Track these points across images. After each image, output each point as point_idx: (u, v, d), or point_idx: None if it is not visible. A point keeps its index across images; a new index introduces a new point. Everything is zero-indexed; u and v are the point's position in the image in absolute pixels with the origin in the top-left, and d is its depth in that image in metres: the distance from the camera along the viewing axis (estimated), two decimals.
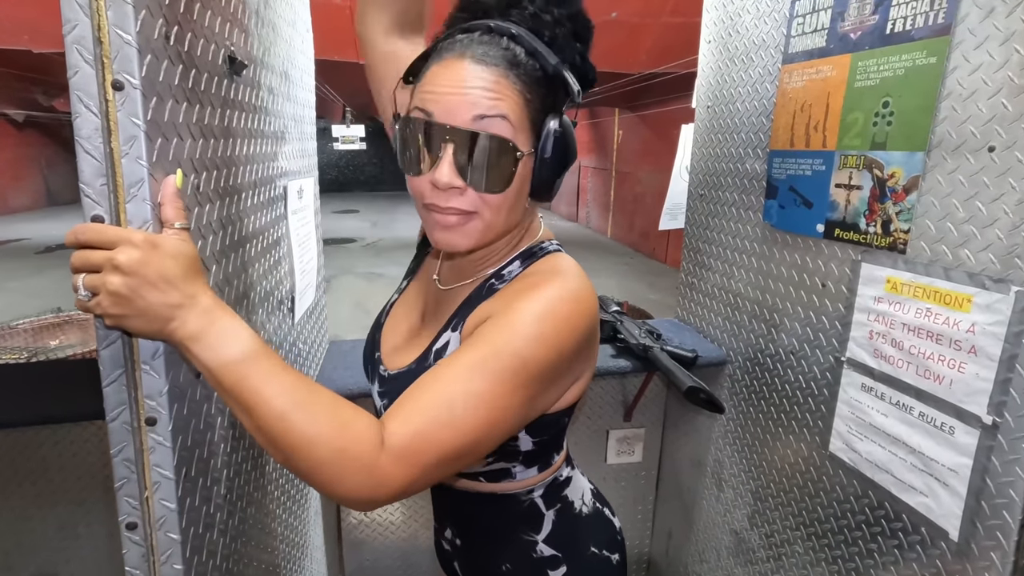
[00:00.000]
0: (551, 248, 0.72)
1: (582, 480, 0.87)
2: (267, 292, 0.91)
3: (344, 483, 0.51)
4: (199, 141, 0.60)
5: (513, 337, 0.58)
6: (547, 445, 0.76)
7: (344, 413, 0.53)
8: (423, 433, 0.53)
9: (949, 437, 0.90)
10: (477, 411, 0.55)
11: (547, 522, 0.79)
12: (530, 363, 0.58)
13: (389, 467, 0.52)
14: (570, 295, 0.62)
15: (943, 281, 0.89)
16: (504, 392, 0.57)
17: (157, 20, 0.51)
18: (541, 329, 0.59)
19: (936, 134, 0.90)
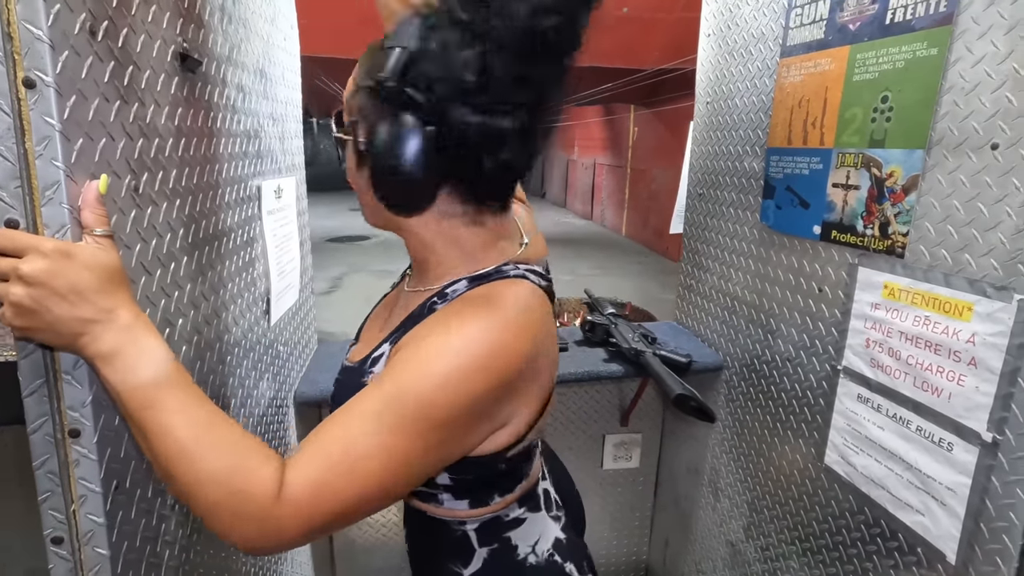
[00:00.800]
0: (511, 273, 0.63)
1: (547, 527, 0.76)
2: (238, 292, 0.89)
3: (237, 529, 0.49)
4: (138, 141, 0.58)
5: (418, 379, 0.53)
6: (477, 485, 0.69)
7: (247, 456, 0.50)
8: (320, 483, 0.50)
9: (947, 454, 0.84)
10: (377, 460, 0.52)
11: (476, 559, 0.72)
12: (433, 410, 0.53)
13: (284, 518, 0.49)
14: (492, 336, 0.55)
15: (943, 288, 0.84)
16: (405, 440, 0.53)
17: (78, 15, 0.48)
18: (448, 373, 0.53)
19: (936, 131, 0.84)
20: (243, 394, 0.91)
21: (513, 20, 0.52)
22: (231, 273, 0.86)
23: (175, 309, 0.66)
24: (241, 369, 0.90)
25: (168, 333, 0.64)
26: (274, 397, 1.10)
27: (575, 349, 1.48)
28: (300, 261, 1.27)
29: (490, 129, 0.55)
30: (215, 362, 0.80)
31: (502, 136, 0.56)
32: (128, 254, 0.56)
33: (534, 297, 0.63)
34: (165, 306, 0.64)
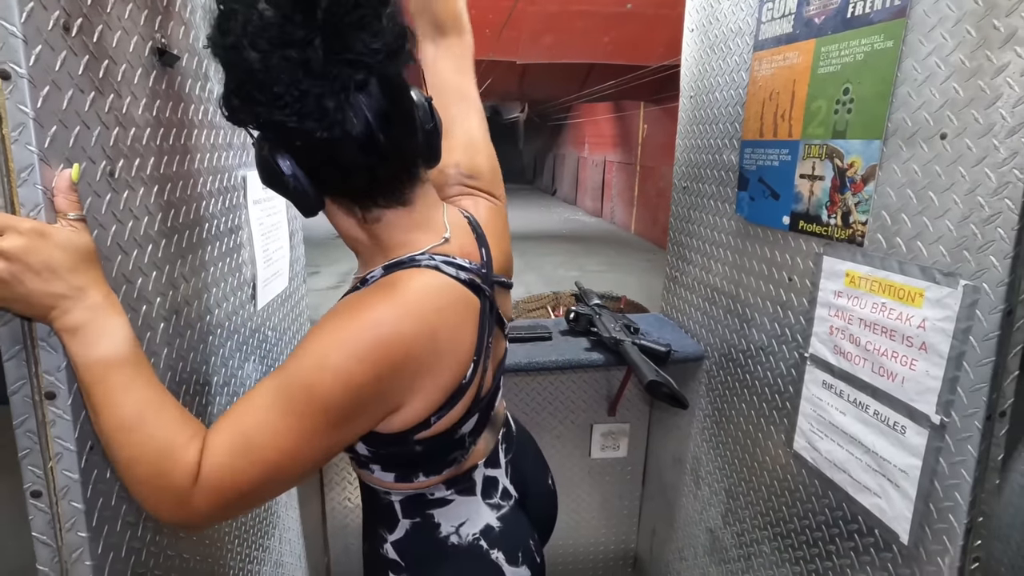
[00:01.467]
0: (424, 263, 0.65)
1: (478, 513, 0.78)
2: (221, 276, 0.94)
3: (158, 507, 0.55)
4: (113, 130, 0.62)
5: (304, 365, 0.57)
6: (396, 461, 0.71)
7: (179, 437, 0.55)
8: (224, 466, 0.55)
9: (901, 437, 0.86)
10: (272, 440, 0.56)
11: (400, 528, 0.76)
12: (314, 393, 0.56)
13: (197, 499, 0.55)
14: (381, 324, 0.58)
15: (897, 275, 0.86)
16: (293, 421, 0.56)
17: (52, 12, 0.53)
18: (328, 356, 0.57)
19: (892, 121, 0.86)
20: (226, 373, 0.96)
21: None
22: (213, 257, 0.90)
23: (152, 288, 0.71)
24: (224, 350, 0.95)
25: (145, 311, 0.69)
26: (261, 379, 1.14)
27: (559, 338, 1.52)
28: (290, 251, 1.32)
29: (314, 142, 0.56)
30: (196, 341, 0.84)
31: (331, 148, 0.56)
32: (103, 234, 0.61)
33: (442, 287, 0.65)
34: (142, 285, 0.68)
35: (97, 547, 0.60)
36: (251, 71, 0.53)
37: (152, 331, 0.72)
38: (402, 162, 0.64)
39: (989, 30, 0.71)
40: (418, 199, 0.68)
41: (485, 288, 0.70)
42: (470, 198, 0.82)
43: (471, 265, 0.69)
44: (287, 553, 1.32)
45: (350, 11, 0.52)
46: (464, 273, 0.68)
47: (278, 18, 0.51)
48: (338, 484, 1.72)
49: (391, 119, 0.58)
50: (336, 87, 0.54)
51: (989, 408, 0.74)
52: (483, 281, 0.70)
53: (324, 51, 0.52)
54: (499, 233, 0.80)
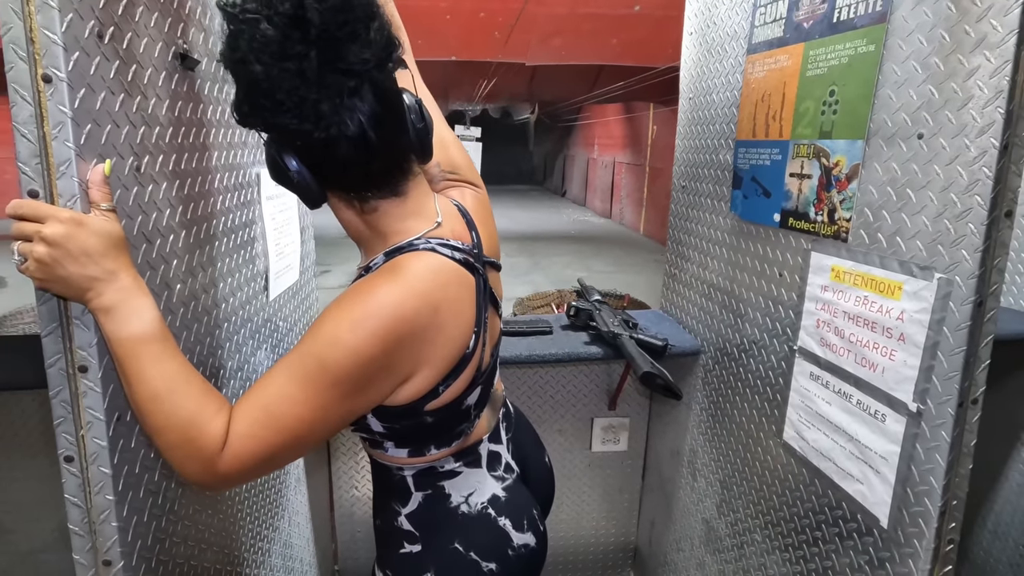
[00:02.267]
0: (421, 246, 0.71)
1: (484, 483, 0.84)
2: (237, 265, 1.00)
3: (186, 468, 0.62)
4: (140, 128, 0.68)
5: (315, 340, 0.64)
6: (407, 435, 0.77)
7: (205, 410, 0.62)
8: (248, 435, 0.62)
9: (881, 424, 0.90)
10: (290, 410, 0.63)
11: (413, 501, 0.82)
12: (328, 366, 0.62)
13: (223, 465, 0.62)
14: (387, 301, 0.65)
15: (878, 269, 0.90)
16: (310, 393, 0.63)
17: (88, 21, 0.58)
18: (339, 333, 0.63)
19: (874, 122, 0.90)
20: (240, 359, 1.02)
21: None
22: (228, 249, 0.96)
23: (172, 276, 0.76)
24: (239, 336, 1.01)
25: (166, 296, 0.75)
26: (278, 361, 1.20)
27: (559, 332, 1.56)
28: (301, 245, 1.38)
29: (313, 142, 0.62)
30: (211, 327, 0.90)
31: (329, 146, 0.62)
32: (131, 224, 0.66)
33: (440, 266, 0.71)
34: (164, 272, 0.74)
35: (123, 510, 0.66)
36: (256, 81, 0.60)
37: (172, 315, 0.77)
38: (394, 158, 0.70)
39: (961, 35, 0.75)
40: (411, 190, 0.74)
41: (478, 267, 0.77)
42: (456, 189, 0.89)
43: (464, 246, 0.76)
44: (295, 535, 1.38)
45: (341, 26, 0.58)
46: (458, 253, 0.74)
47: (278, 35, 0.57)
48: (345, 474, 1.78)
49: (382, 120, 0.64)
50: (331, 93, 0.60)
51: (961, 396, 0.78)
52: (476, 260, 0.77)
53: (319, 62, 0.58)
54: (485, 218, 0.87)
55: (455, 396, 0.75)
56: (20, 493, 1.58)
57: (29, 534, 1.63)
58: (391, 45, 0.63)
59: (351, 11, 0.59)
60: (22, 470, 1.55)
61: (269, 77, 0.58)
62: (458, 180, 0.90)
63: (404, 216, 0.74)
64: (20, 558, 1.64)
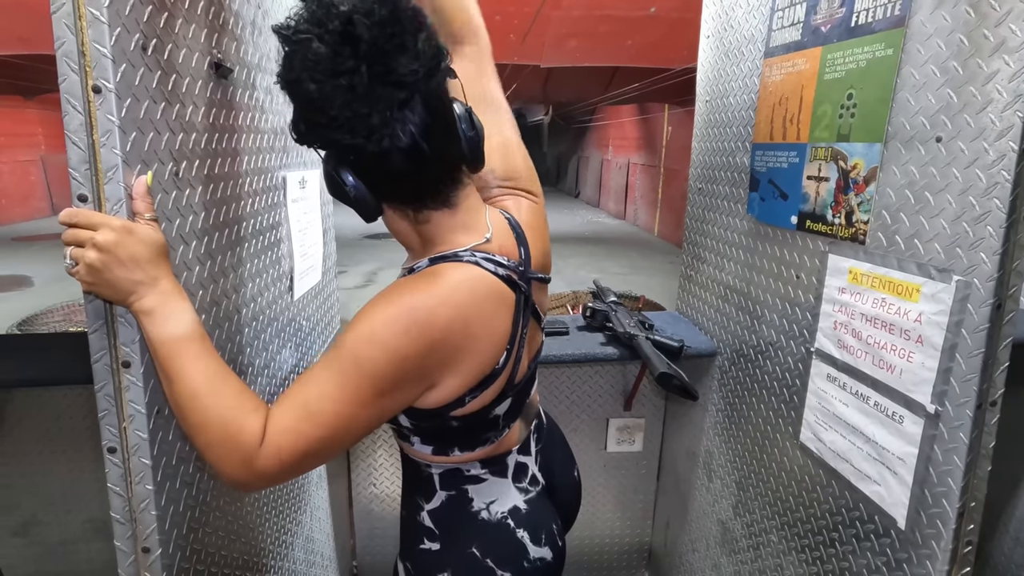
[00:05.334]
0: (466, 258, 0.73)
1: (507, 494, 0.84)
2: (264, 267, 1.03)
3: (225, 466, 0.64)
4: (179, 135, 0.71)
5: (353, 338, 0.65)
6: (434, 434, 0.79)
7: (243, 407, 0.64)
8: (287, 429, 0.64)
9: (899, 426, 0.90)
10: (329, 407, 0.64)
11: (436, 499, 0.83)
12: (364, 364, 0.64)
13: (262, 461, 0.63)
14: (422, 304, 0.66)
15: (896, 271, 0.90)
16: (347, 389, 0.64)
17: (134, 35, 0.62)
18: (375, 332, 0.65)
19: (893, 125, 0.90)
20: (267, 357, 1.05)
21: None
22: (257, 251, 0.99)
23: (207, 276, 0.80)
24: (265, 335, 1.04)
25: (200, 296, 0.78)
26: (296, 364, 1.23)
27: (575, 333, 1.58)
28: (323, 247, 1.41)
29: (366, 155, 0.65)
30: (240, 326, 0.93)
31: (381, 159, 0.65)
32: (169, 227, 0.70)
33: (480, 280, 0.72)
34: (199, 273, 0.77)
35: (161, 499, 0.69)
36: (311, 99, 0.62)
37: (205, 314, 0.80)
38: (445, 167, 0.72)
39: (980, 39, 0.76)
40: (462, 201, 0.75)
41: (521, 284, 0.77)
42: (512, 198, 0.87)
43: (509, 263, 0.76)
44: (317, 530, 1.41)
45: (389, 39, 0.60)
46: (502, 269, 0.74)
47: (329, 53, 0.59)
48: (364, 472, 1.81)
49: (433, 130, 0.65)
50: (382, 106, 0.61)
51: (980, 397, 0.78)
52: (519, 277, 0.77)
53: (369, 76, 0.60)
54: (539, 230, 0.86)
55: (482, 406, 0.76)
56: (52, 486, 1.63)
57: (61, 526, 1.68)
58: (439, 55, 0.64)
59: (398, 24, 0.60)
60: (54, 464, 1.60)
61: (322, 94, 0.60)
62: (515, 189, 0.88)
63: (455, 227, 0.75)
64: (51, 548, 1.70)
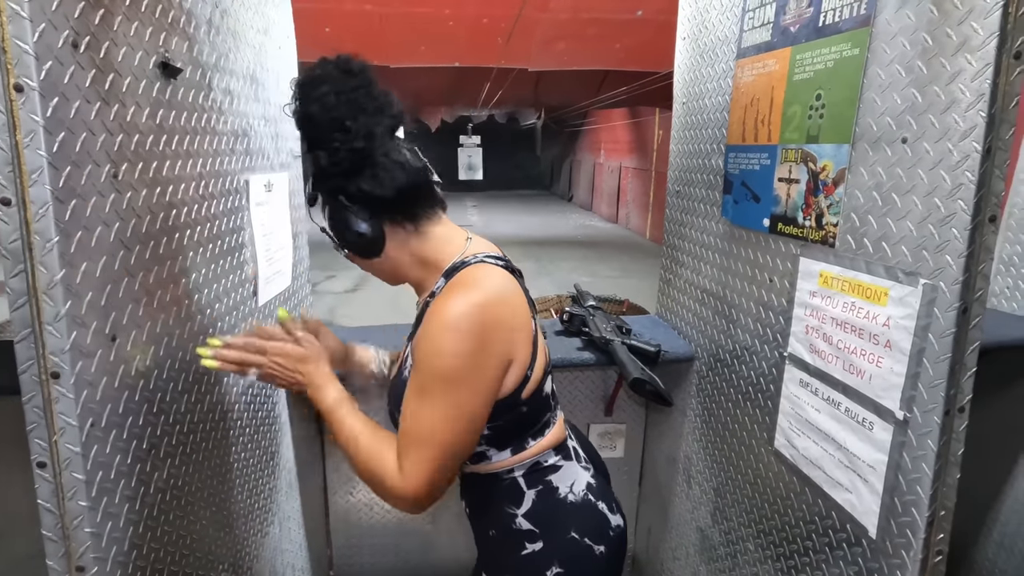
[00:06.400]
0: (473, 261, 0.85)
1: (579, 473, 0.93)
2: (223, 271, 1.00)
3: (385, 497, 0.81)
4: (118, 136, 0.69)
5: (427, 359, 0.77)
6: (510, 430, 0.86)
7: (380, 450, 0.81)
8: (414, 464, 0.77)
9: (869, 432, 0.89)
10: (433, 427, 0.77)
11: (527, 500, 0.88)
12: (442, 374, 0.76)
13: (410, 492, 0.78)
14: (466, 304, 0.77)
15: (864, 274, 0.88)
16: (439, 404, 0.76)
17: (62, 31, 0.59)
18: (440, 345, 0.76)
19: (860, 126, 0.89)
20: None
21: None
22: (215, 255, 0.97)
23: (153, 281, 0.77)
24: None
25: (145, 302, 0.75)
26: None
27: (552, 338, 1.55)
28: (293, 251, 1.39)
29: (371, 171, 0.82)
30: (196, 332, 0.91)
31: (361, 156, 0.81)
32: (107, 231, 0.67)
33: (495, 270, 0.85)
34: (143, 279, 0.75)
35: (96, 516, 0.66)
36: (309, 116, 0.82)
37: (153, 321, 0.78)
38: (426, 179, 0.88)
39: (944, 38, 0.74)
40: (442, 216, 0.91)
41: (517, 271, 0.91)
42: None
43: (500, 255, 0.90)
44: (287, 540, 1.38)
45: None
46: (500, 262, 0.87)
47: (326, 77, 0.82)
48: (340, 481, 1.78)
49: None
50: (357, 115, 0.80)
51: (947, 403, 0.76)
52: (512, 269, 0.90)
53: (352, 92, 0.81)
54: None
55: (539, 381, 0.86)
56: (17, 499, 1.59)
57: (28, 539, 1.64)
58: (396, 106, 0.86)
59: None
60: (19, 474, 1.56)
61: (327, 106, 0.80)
62: None
63: (445, 239, 0.89)
64: (18, 563, 1.65)
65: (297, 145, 1.46)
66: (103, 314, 0.66)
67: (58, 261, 0.59)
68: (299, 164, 1.47)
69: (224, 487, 1.01)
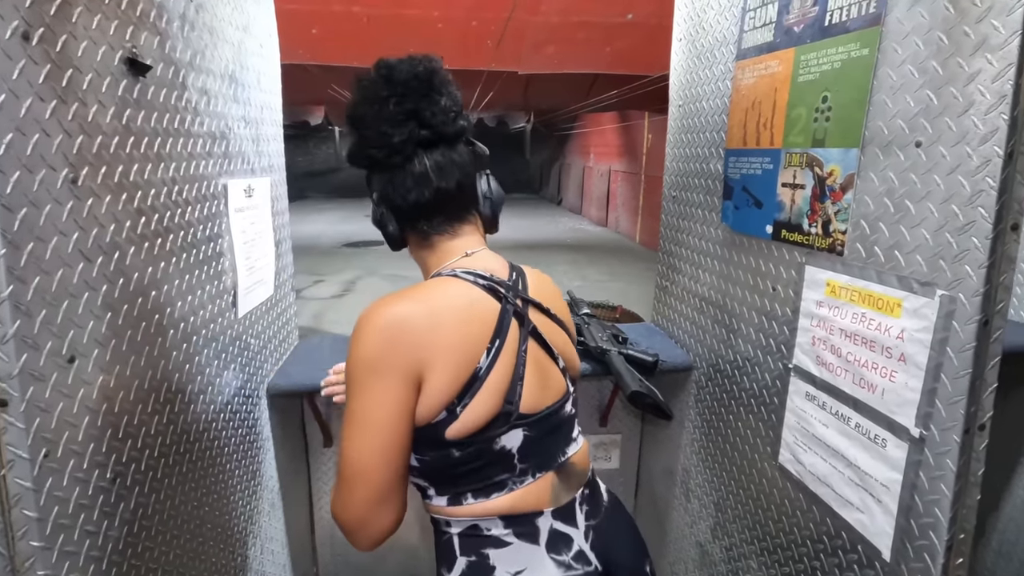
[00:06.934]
0: (444, 272, 0.83)
1: (538, 566, 0.75)
2: (199, 282, 0.94)
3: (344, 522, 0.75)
4: (77, 138, 0.63)
5: (352, 356, 0.74)
6: (440, 471, 0.76)
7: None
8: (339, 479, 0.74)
9: (881, 450, 0.85)
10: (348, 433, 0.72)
11: (458, 567, 0.76)
12: (351, 374, 0.73)
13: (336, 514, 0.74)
14: (378, 309, 0.74)
15: (876, 284, 0.85)
16: (351, 409, 0.73)
17: (10, 22, 0.53)
18: (350, 345, 0.74)
19: (870, 129, 0.85)
20: (202, 381, 0.96)
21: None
22: (189, 265, 0.91)
23: (118, 296, 0.71)
24: (201, 357, 0.95)
25: (109, 318, 0.69)
26: (242, 387, 1.14)
27: None
28: (276, 259, 1.33)
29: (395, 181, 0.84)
30: (168, 349, 0.84)
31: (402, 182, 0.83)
32: (64, 241, 0.61)
33: (453, 285, 0.79)
34: (107, 291, 0.68)
35: (51, 556, 0.60)
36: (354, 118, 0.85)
37: (119, 338, 0.72)
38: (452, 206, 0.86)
39: (961, 37, 0.71)
40: (466, 235, 0.88)
41: (507, 295, 0.81)
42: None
43: (493, 277, 0.82)
44: (269, 563, 1.31)
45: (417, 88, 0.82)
46: (482, 280, 0.81)
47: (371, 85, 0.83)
48: (327, 496, 1.71)
49: (446, 171, 0.83)
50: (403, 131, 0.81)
51: (967, 421, 0.72)
52: (506, 291, 0.82)
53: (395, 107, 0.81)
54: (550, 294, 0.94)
55: (478, 425, 0.73)
56: None
57: None
58: (460, 113, 0.86)
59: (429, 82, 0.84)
60: None
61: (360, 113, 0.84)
62: None
63: (447, 252, 0.86)
64: None
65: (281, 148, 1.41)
66: (59, 333, 0.60)
67: (4, 276, 0.53)
68: (283, 168, 1.42)
69: (200, 512, 0.95)
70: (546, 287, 0.93)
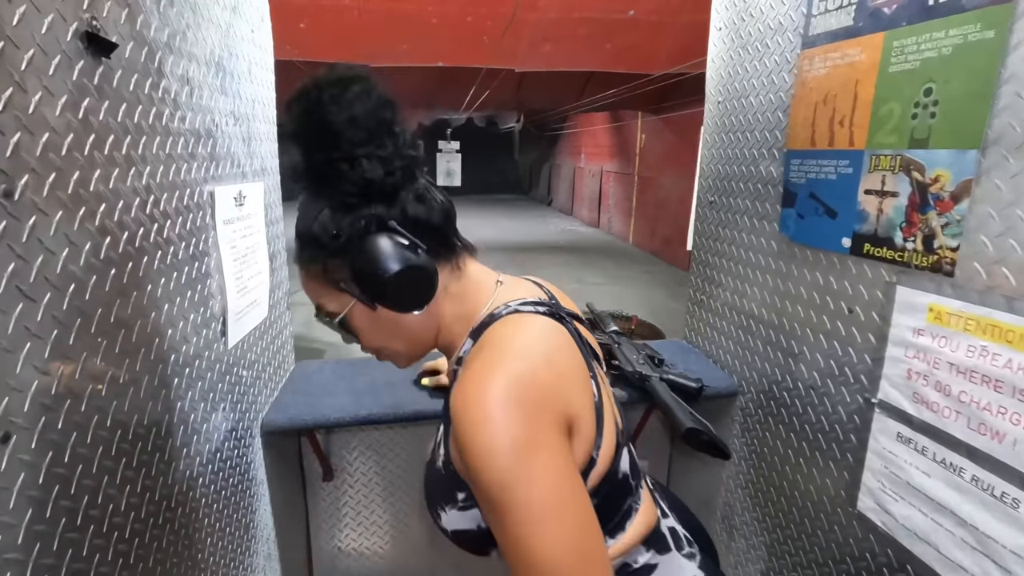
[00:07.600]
0: (504, 313, 0.68)
1: (682, 570, 0.71)
2: (181, 312, 0.78)
3: None
4: (12, 136, 0.46)
5: (477, 476, 0.55)
6: None
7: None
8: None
9: (1012, 511, 0.71)
10: (539, 544, 0.54)
11: None
12: (504, 482, 0.54)
13: None
14: (498, 387, 0.57)
15: (1004, 313, 0.71)
16: (532, 515, 0.54)
17: None
18: (481, 448, 0.55)
19: (994, 127, 0.71)
20: (194, 423, 0.80)
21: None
22: (170, 292, 0.74)
23: (74, 342, 0.54)
24: (184, 402, 0.79)
25: (85, 358, 0.53)
26: (233, 428, 0.98)
27: None
28: (271, 275, 1.16)
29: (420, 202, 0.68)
30: (154, 390, 0.69)
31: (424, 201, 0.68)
32: None
33: (531, 322, 0.66)
34: (58, 339, 0.52)
35: None
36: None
37: (96, 382, 0.55)
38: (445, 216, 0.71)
39: None
40: (468, 265, 0.74)
41: (564, 316, 0.71)
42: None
43: (541, 300, 0.72)
44: None
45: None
46: (541, 307, 0.69)
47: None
48: (326, 532, 1.54)
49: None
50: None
51: None
52: (557, 311, 0.71)
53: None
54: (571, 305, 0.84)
55: (609, 462, 0.65)
56: None
57: None
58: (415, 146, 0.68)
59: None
60: None
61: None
62: None
63: (477, 283, 0.73)
64: None
65: (275, 148, 1.24)
66: None
67: None
68: (276, 171, 1.25)
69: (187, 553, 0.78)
70: (565, 297, 0.86)
